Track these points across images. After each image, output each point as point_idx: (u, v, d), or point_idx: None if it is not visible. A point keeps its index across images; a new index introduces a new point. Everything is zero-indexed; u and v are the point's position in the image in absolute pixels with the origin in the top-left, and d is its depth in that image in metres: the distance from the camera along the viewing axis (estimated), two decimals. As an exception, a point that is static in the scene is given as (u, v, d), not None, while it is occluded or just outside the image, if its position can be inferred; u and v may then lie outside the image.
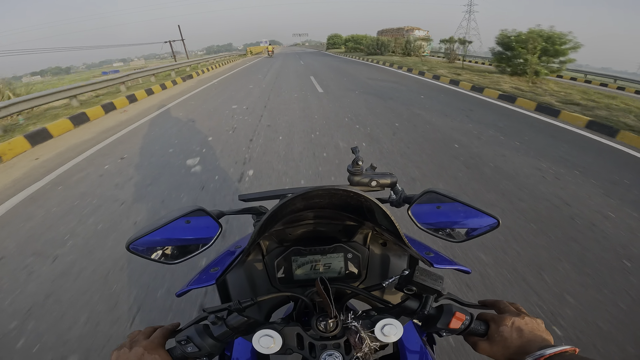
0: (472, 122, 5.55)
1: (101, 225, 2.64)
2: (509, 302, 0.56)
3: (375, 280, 0.69)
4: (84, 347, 1.58)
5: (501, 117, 5.94)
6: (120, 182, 3.45)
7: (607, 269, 2.06)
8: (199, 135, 4.96)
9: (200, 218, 0.63)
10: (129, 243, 0.55)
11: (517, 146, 4.34)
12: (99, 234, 2.52)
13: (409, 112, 6.21)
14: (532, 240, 2.35)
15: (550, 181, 3.30)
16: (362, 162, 0.73)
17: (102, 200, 3.07)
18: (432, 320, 0.53)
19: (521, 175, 3.43)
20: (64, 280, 2.04)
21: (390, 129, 5.04)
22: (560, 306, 1.78)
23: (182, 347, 0.50)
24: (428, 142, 4.42)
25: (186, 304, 1.79)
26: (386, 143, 4.39)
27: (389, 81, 10.78)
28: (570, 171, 3.57)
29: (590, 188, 3.17)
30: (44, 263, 2.22)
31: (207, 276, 0.66)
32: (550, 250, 2.24)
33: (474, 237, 0.63)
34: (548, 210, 2.75)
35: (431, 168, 3.57)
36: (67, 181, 3.59)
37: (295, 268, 0.65)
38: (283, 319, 0.61)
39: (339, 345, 0.51)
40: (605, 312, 1.74)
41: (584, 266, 2.09)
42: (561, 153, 4.13)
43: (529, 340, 0.48)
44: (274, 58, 28.45)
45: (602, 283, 1.95)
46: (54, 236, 2.53)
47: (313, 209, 0.61)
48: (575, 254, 2.20)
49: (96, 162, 4.12)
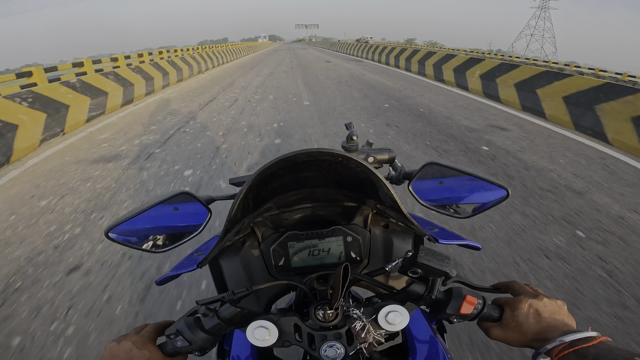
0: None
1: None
2: (524, 284, 0.52)
3: (378, 264, 0.65)
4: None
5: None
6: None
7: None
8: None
9: (188, 204, 0.58)
10: (107, 230, 0.51)
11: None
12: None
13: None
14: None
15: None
16: (356, 138, 0.68)
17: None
18: (441, 306, 0.49)
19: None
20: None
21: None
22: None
23: (172, 342, 0.48)
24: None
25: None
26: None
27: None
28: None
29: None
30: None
31: (189, 261, 0.62)
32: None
33: (482, 211, 0.58)
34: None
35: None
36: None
37: (292, 255, 0.62)
38: (280, 310, 0.57)
39: (340, 336, 0.48)
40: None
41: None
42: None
43: (548, 325, 0.43)
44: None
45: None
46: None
47: (307, 186, 0.56)
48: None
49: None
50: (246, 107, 6.02)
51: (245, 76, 10.67)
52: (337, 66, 13.00)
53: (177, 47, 13.35)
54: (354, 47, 20.32)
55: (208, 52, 14.28)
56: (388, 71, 10.99)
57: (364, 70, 11.51)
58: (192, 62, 11.34)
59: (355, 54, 19.09)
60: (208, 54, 13.93)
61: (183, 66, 10.34)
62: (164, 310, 1.67)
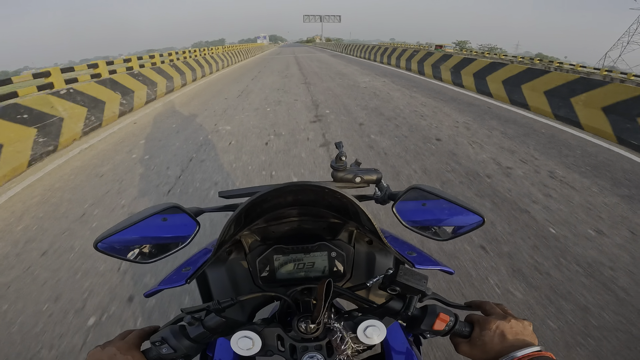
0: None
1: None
2: (495, 304, 0.56)
3: (361, 279, 0.68)
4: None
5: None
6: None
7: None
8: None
9: (177, 215, 0.60)
10: (96, 242, 0.52)
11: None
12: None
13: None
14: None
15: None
16: (345, 158, 0.71)
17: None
18: (416, 322, 0.52)
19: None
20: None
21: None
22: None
23: (157, 349, 0.49)
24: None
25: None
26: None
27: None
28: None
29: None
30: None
31: (177, 276, 0.64)
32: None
33: (459, 235, 0.62)
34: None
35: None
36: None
37: (278, 267, 0.64)
38: (264, 320, 0.59)
39: (321, 347, 0.50)
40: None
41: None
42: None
43: (511, 344, 0.47)
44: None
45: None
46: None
47: (295, 206, 0.59)
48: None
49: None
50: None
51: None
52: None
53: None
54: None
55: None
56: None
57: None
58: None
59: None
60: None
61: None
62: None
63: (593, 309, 1.72)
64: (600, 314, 1.69)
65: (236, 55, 18.98)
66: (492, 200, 2.78)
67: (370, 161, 3.62)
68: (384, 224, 2.31)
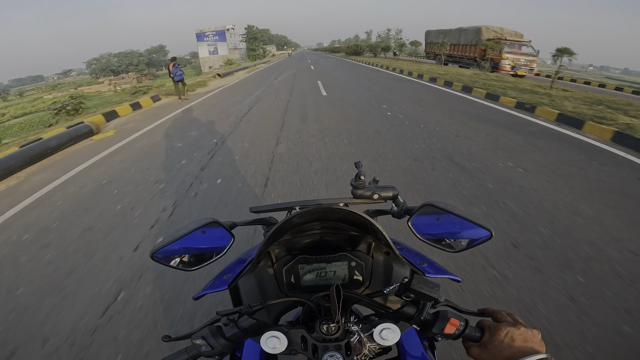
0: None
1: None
2: (506, 312, 0.59)
3: (379, 286, 0.73)
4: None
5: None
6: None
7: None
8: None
9: (214, 229, 0.69)
10: (152, 252, 0.61)
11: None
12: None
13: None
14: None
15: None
16: (364, 177, 0.78)
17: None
18: (428, 326, 0.57)
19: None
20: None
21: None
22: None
23: (197, 347, 0.55)
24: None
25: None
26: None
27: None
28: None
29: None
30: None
31: (220, 282, 0.72)
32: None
33: (470, 248, 0.67)
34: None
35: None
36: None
37: (302, 275, 0.69)
38: (289, 322, 0.65)
39: (340, 347, 0.55)
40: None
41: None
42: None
43: (519, 350, 0.50)
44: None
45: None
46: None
47: (319, 221, 0.66)
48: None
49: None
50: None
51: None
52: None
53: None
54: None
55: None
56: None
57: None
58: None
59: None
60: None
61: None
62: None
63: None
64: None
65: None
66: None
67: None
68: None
